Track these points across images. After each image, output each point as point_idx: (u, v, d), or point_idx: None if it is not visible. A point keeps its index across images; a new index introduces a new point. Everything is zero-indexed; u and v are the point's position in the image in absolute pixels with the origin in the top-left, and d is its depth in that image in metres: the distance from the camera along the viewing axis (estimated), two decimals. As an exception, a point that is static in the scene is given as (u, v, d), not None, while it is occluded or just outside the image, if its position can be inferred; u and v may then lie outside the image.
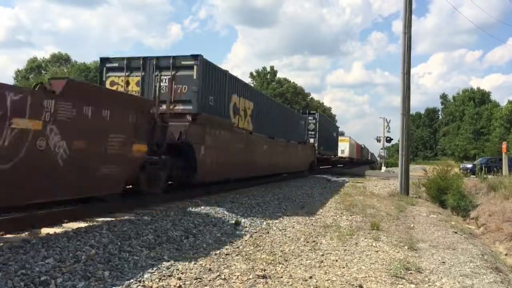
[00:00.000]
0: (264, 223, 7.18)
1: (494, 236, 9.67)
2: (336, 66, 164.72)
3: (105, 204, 6.36)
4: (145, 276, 3.92)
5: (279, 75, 70.18)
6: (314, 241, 5.95)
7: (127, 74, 9.22)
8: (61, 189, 5.13)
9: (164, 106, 7.99)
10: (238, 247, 5.34)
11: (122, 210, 6.60)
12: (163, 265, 4.27)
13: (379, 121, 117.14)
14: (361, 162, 52.76)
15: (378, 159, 58.26)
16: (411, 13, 14.71)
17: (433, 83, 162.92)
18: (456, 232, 7.62)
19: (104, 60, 9.57)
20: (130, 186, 7.41)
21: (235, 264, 4.54)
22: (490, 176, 18.82)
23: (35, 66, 68.89)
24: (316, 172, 23.71)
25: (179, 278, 3.93)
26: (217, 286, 3.86)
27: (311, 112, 26.42)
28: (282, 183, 15.13)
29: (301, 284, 4.05)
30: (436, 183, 14.83)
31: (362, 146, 57.43)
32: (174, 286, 3.75)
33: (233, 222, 6.80)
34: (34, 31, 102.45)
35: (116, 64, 9.39)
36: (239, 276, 4.12)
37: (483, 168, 21.24)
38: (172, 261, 4.44)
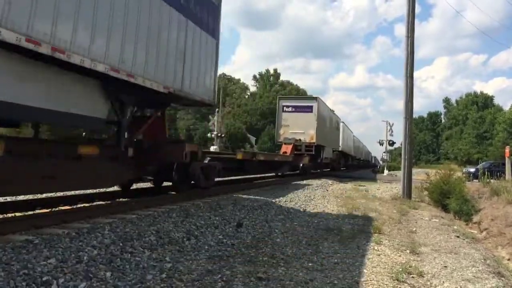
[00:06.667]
0: (266, 225, 7.18)
1: (497, 240, 9.63)
2: (339, 69, 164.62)
3: (107, 205, 6.36)
4: (147, 277, 3.92)
5: (282, 77, 70.31)
6: (315, 244, 5.94)
7: None
8: None
9: None
10: (239, 249, 5.34)
11: (124, 211, 6.62)
12: (165, 267, 4.28)
13: (382, 124, 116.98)
14: (362, 165, 53.02)
15: (381, 162, 58.45)
16: (414, 17, 14.70)
17: (436, 86, 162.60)
18: (458, 237, 7.60)
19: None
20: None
21: (236, 266, 4.54)
22: (493, 181, 18.77)
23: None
24: (318, 176, 23.68)
25: (181, 280, 3.94)
26: (218, 288, 3.86)
27: None
28: (284, 186, 15.11)
29: (302, 287, 4.04)
30: (438, 187, 14.78)
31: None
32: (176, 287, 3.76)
33: (235, 224, 6.80)
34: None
35: None
36: (240, 278, 4.12)
37: (486, 172, 21.21)
38: (174, 263, 4.45)
